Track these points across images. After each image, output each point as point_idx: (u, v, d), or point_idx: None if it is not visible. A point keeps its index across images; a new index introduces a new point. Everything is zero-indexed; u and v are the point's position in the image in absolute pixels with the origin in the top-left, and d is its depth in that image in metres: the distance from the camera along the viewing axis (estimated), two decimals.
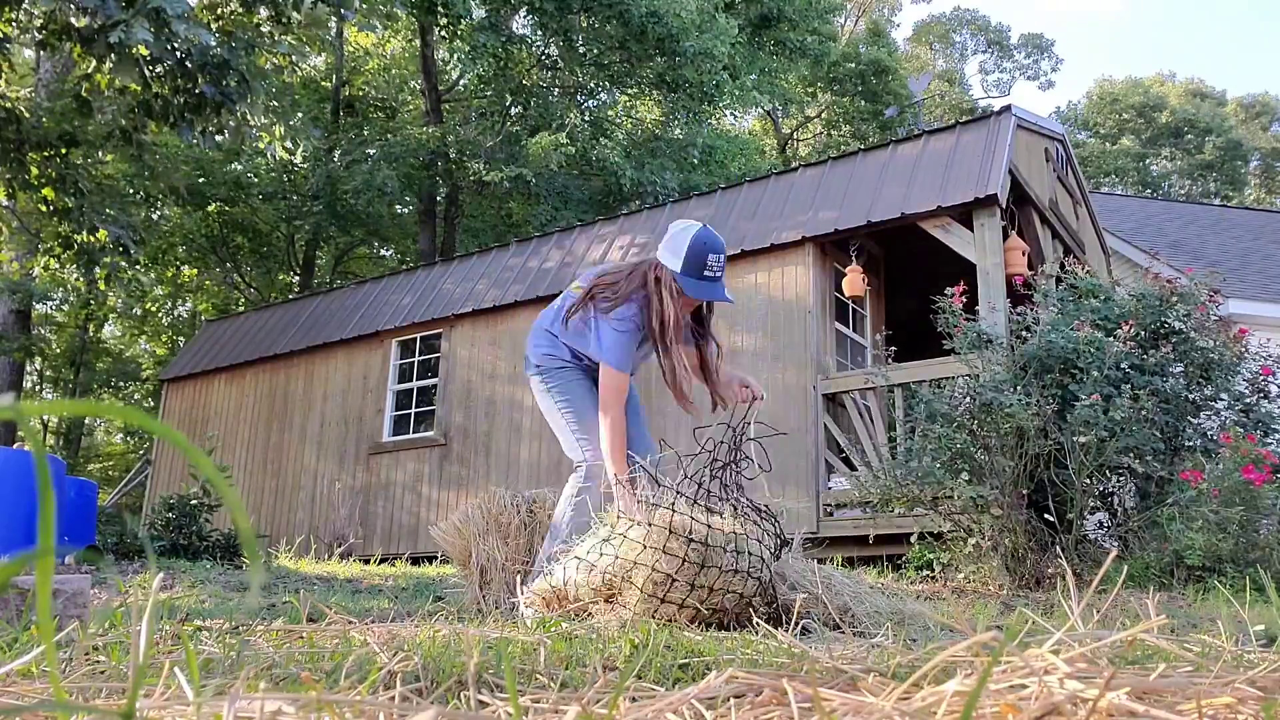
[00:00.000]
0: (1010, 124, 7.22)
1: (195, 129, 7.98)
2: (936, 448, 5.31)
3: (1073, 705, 0.71)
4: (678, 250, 3.07)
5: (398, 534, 9.38)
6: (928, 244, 7.27)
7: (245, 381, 11.45)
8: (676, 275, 3.07)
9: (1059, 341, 5.31)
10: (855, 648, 1.43)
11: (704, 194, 9.15)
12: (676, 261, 3.07)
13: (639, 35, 15.38)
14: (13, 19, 8.15)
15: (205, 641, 1.49)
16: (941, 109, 30.07)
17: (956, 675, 0.81)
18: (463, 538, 3.63)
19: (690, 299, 3.12)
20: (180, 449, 0.45)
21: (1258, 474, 4.63)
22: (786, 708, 0.82)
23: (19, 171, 8.76)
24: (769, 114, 27.56)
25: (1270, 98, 35.74)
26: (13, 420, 0.50)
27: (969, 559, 5.24)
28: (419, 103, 20.26)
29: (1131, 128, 34.12)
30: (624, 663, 1.32)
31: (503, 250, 10.18)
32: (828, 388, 7.20)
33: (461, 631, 1.66)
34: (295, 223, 18.84)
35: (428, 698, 1.06)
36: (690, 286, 3.06)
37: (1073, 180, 9.10)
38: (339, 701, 0.79)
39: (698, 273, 3.05)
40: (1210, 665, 1.04)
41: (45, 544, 0.44)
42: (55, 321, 22.91)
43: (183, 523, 7.07)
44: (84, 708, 0.62)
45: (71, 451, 24.28)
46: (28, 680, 1.10)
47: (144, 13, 6.75)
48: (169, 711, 0.84)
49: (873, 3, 31.67)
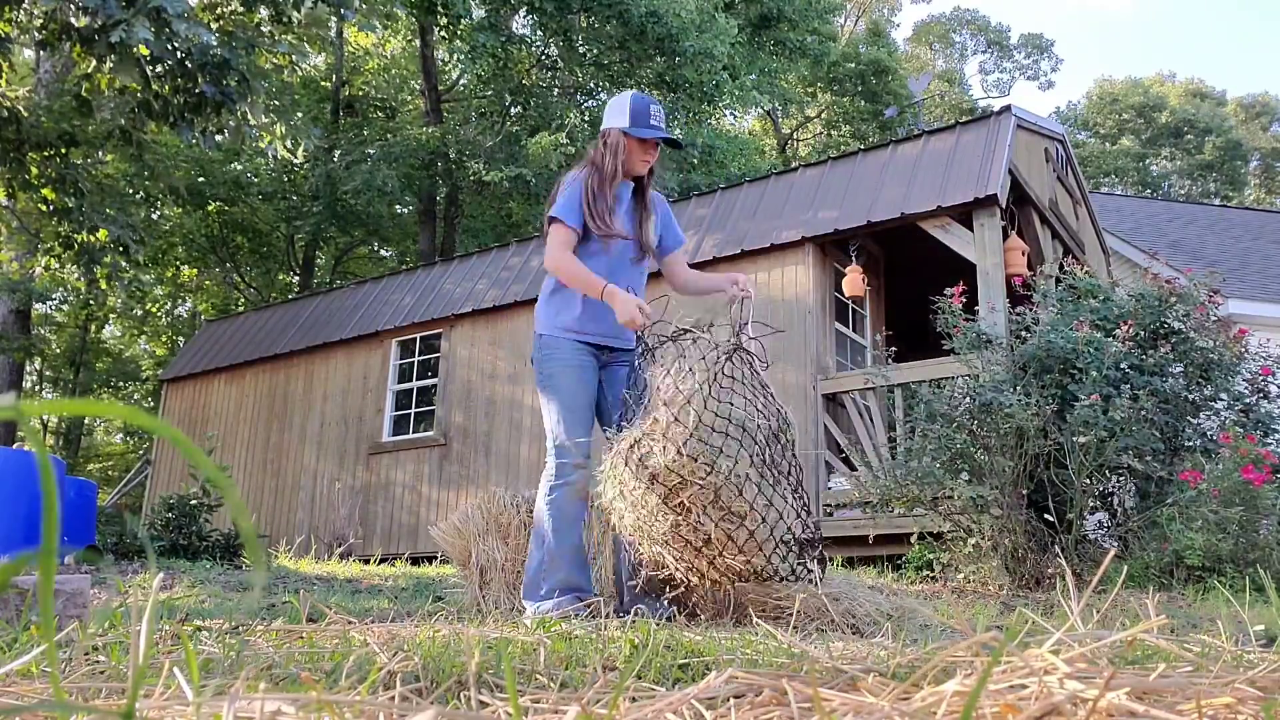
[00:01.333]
0: (1010, 124, 7.22)
1: (195, 129, 7.98)
2: (936, 448, 5.31)
3: (1072, 705, 0.71)
4: (621, 109, 3.31)
5: (398, 534, 9.38)
6: (927, 244, 7.27)
7: (245, 381, 11.45)
8: (626, 130, 3.29)
9: (1058, 342, 5.31)
10: (855, 647, 1.43)
11: (704, 194, 9.15)
12: (623, 118, 3.30)
13: (639, 35, 15.38)
14: (12, 19, 8.14)
15: (205, 641, 1.49)
16: (941, 109, 30.07)
17: (956, 675, 0.81)
18: (463, 538, 3.64)
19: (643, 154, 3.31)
20: (180, 449, 0.45)
21: (1257, 474, 4.63)
22: (786, 708, 0.82)
23: (19, 171, 8.76)
24: (769, 114, 27.55)
25: (1270, 98, 35.74)
26: (13, 420, 0.50)
27: (969, 559, 5.24)
28: (419, 103, 20.26)
29: (1131, 128, 34.12)
30: (624, 663, 1.32)
31: (503, 250, 10.18)
32: (828, 388, 7.20)
33: (461, 631, 1.66)
34: (295, 223, 18.84)
35: (428, 698, 1.06)
36: (640, 131, 3.27)
37: (1072, 180, 9.10)
38: (339, 701, 0.79)
39: (644, 122, 3.29)
40: (1210, 665, 1.04)
41: (48, 544, 0.44)
42: (55, 321, 22.91)
43: (182, 523, 7.07)
44: (84, 708, 0.62)
45: (71, 451, 24.28)
46: (27, 680, 1.10)
47: (144, 12, 6.74)
48: (169, 711, 0.84)
49: (873, 3, 31.67)
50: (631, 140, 3.29)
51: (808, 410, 7.20)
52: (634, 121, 3.28)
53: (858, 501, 6.61)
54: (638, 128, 3.28)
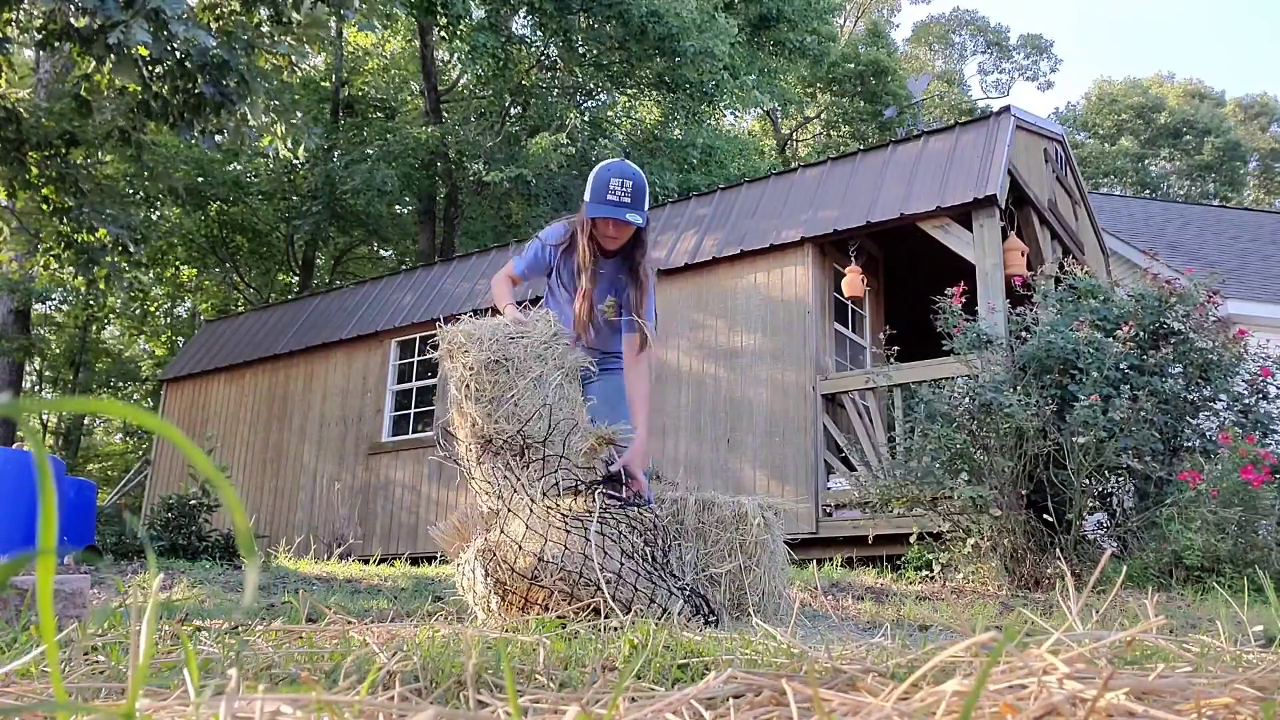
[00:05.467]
0: (1009, 124, 7.22)
1: (195, 129, 7.98)
2: (936, 448, 5.31)
3: (1071, 705, 0.72)
4: (590, 181, 3.20)
5: (397, 534, 9.38)
6: (927, 244, 7.27)
7: (245, 381, 11.44)
8: (586, 205, 3.17)
9: (1058, 342, 5.31)
10: (854, 648, 1.43)
11: (704, 194, 9.16)
12: (589, 193, 3.18)
13: (639, 35, 15.38)
14: (12, 19, 8.14)
15: (205, 641, 1.49)
16: (940, 110, 30.07)
17: (955, 675, 0.81)
18: (462, 538, 3.63)
19: (606, 231, 3.19)
20: (179, 448, 0.45)
21: (1256, 475, 4.63)
22: (785, 708, 0.82)
23: (19, 171, 8.76)
24: (768, 114, 27.56)
25: (1269, 98, 35.74)
26: (12, 419, 0.49)
27: (968, 559, 5.24)
28: (418, 103, 20.25)
29: (1130, 128, 34.13)
30: (623, 663, 1.32)
31: (502, 250, 10.18)
32: (827, 388, 7.20)
33: (461, 632, 1.66)
34: (294, 223, 18.83)
35: (427, 698, 1.06)
36: (591, 209, 3.14)
37: (1072, 181, 9.11)
38: (338, 702, 0.79)
39: (600, 196, 3.13)
40: (1209, 665, 1.04)
41: (47, 543, 0.44)
42: (55, 322, 22.91)
43: (182, 523, 7.07)
44: (84, 708, 0.62)
45: (71, 451, 24.27)
46: (27, 680, 1.10)
47: (143, 13, 6.74)
48: (169, 711, 0.84)
49: (872, 3, 31.68)
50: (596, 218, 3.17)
51: (807, 410, 7.20)
52: (593, 197, 3.14)
53: (857, 502, 6.61)
54: (595, 204, 3.14)
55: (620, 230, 3.19)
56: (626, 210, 3.11)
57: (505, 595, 2.58)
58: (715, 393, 7.71)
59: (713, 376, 7.78)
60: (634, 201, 3.13)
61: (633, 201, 3.12)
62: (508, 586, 2.57)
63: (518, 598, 2.57)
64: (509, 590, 2.57)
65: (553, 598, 2.52)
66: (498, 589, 2.58)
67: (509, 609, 2.59)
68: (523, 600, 2.57)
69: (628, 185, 3.11)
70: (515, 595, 2.57)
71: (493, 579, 2.58)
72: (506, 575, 2.55)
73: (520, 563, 2.54)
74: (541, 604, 2.54)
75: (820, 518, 6.91)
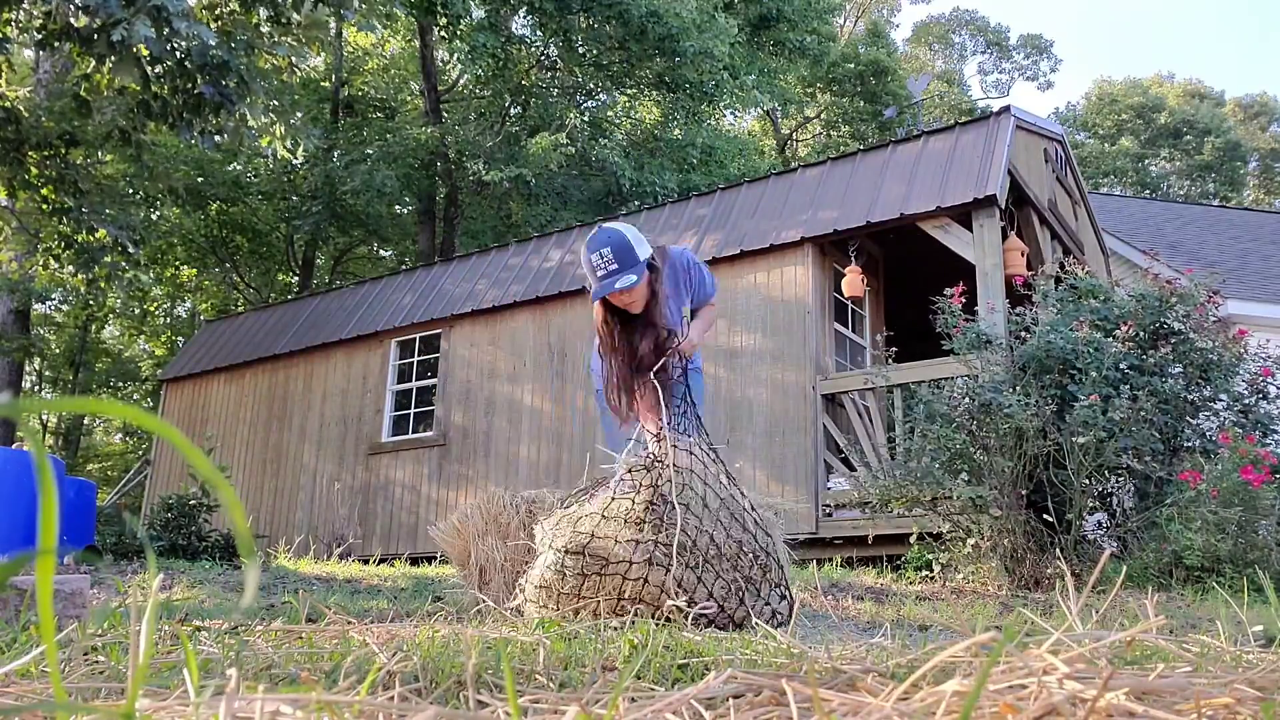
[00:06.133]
0: (1009, 124, 7.22)
1: (195, 129, 7.98)
2: (935, 448, 5.31)
3: (1071, 705, 0.72)
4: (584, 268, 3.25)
5: (397, 534, 9.38)
6: (927, 245, 7.27)
7: (244, 381, 11.44)
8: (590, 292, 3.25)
9: (1058, 342, 5.31)
10: (854, 648, 1.43)
11: (703, 194, 9.16)
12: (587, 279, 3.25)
13: (639, 35, 15.38)
14: (12, 19, 8.14)
15: (204, 641, 1.49)
16: (940, 110, 30.07)
17: (955, 675, 0.81)
18: (462, 538, 3.64)
19: (616, 300, 3.25)
20: (179, 448, 0.45)
21: (1256, 475, 4.63)
22: (785, 708, 0.82)
23: (19, 171, 8.76)
24: (768, 114, 27.56)
25: (1269, 98, 35.74)
26: (12, 419, 0.49)
27: (968, 559, 5.24)
28: (418, 103, 20.25)
29: (1130, 128, 34.13)
30: (623, 663, 1.32)
31: (502, 250, 10.18)
32: (827, 388, 7.20)
33: (461, 632, 1.66)
34: (294, 223, 18.84)
35: (427, 698, 1.06)
36: (593, 295, 3.21)
37: (1071, 181, 9.11)
38: (338, 702, 0.79)
39: (593, 278, 3.19)
40: (1209, 665, 1.04)
41: (46, 543, 0.44)
42: (55, 322, 22.91)
43: (182, 523, 7.07)
44: (84, 708, 0.62)
45: (71, 451, 24.27)
46: (27, 680, 1.10)
47: (145, 10, 6.74)
48: (169, 711, 0.84)
49: (872, 3, 31.68)
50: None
51: (807, 410, 7.20)
52: (590, 280, 3.22)
53: (857, 502, 6.61)
54: (593, 287, 3.21)
55: (625, 295, 3.23)
56: (616, 279, 3.14)
57: (580, 584, 2.59)
58: (715, 393, 7.71)
59: (713, 376, 7.78)
60: (620, 264, 3.15)
61: (619, 265, 3.15)
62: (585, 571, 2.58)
63: (591, 590, 2.58)
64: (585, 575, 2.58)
65: (626, 591, 2.54)
66: (570, 579, 2.59)
67: (569, 601, 2.60)
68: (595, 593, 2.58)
69: (607, 254, 3.15)
70: (588, 587, 2.57)
71: (567, 567, 2.59)
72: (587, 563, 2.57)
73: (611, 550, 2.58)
74: (615, 596, 2.56)
75: (820, 518, 6.91)
